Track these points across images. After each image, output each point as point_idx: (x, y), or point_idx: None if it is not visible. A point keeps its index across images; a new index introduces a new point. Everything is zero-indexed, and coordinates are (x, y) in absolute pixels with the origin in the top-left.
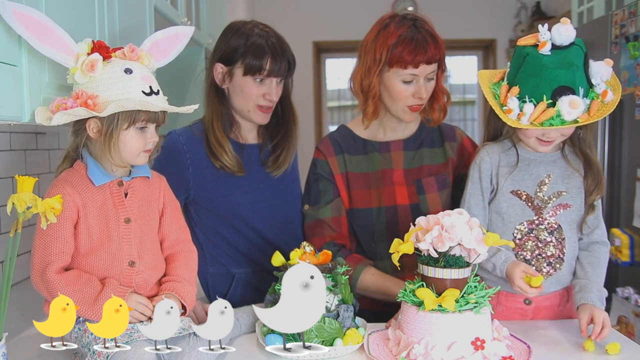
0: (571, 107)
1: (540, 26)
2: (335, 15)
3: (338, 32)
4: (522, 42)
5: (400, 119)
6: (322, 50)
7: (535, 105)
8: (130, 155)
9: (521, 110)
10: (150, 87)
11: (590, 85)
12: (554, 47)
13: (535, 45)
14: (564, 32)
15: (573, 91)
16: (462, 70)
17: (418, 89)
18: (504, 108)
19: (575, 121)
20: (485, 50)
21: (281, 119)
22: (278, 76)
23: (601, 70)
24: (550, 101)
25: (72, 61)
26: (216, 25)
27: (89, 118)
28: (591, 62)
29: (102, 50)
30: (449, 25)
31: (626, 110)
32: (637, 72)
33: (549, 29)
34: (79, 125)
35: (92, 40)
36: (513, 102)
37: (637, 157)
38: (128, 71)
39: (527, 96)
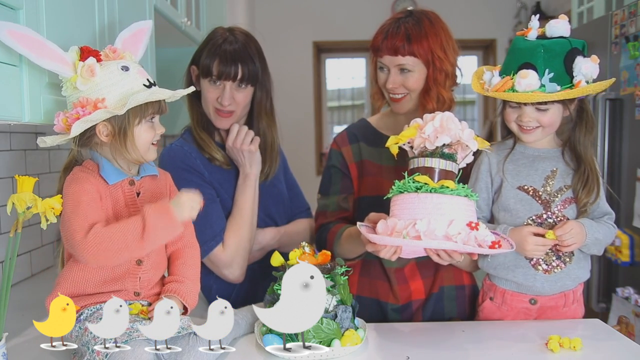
0: (520, 77)
1: (533, 16)
2: (335, 15)
3: (338, 32)
4: (518, 33)
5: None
6: (322, 50)
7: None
8: (143, 150)
9: (490, 83)
10: (148, 79)
11: (571, 77)
12: (544, 37)
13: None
14: (553, 24)
15: (536, 69)
16: (462, 70)
17: (386, 79)
18: (481, 82)
19: (528, 94)
20: (485, 50)
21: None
22: (229, 80)
23: (580, 63)
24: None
25: (70, 70)
26: (216, 25)
27: (95, 125)
28: (579, 58)
29: (93, 54)
30: (448, 26)
31: (626, 110)
32: (637, 72)
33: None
34: (87, 134)
35: (79, 47)
36: (486, 75)
37: (637, 157)
38: (125, 68)
39: (498, 72)
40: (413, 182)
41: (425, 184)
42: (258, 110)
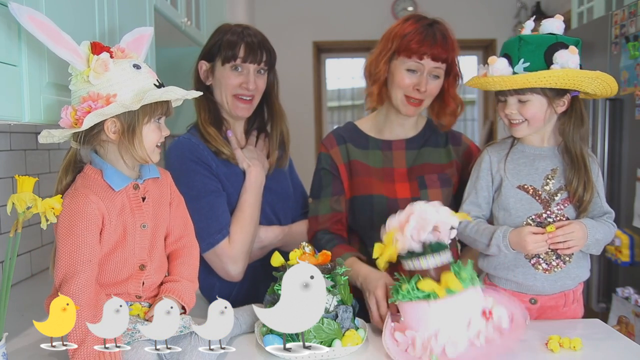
0: (489, 63)
1: (530, 19)
2: (335, 15)
3: (338, 32)
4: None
5: (399, 111)
6: (322, 50)
7: None
8: (149, 150)
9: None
10: (157, 80)
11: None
12: None
13: None
14: (545, 22)
15: (510, 58)
16: (462, 70)
17: (419, 81)
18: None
19: (497, 79)
20: (485, 50)
21: (265, 120)
22: (254, 63)
23: (558, 54)
24: None
25: (82, 63)
26: (216, 25)
27: (103, 121)
28: (561, 50)
29: (105, 49)
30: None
31: (626, 110)
32: (637, 72)
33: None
34: (95, 130)
35: (90, 42)
36: (480, 70)
37: (637, 157)
38: (136, 67)
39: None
40: (418, 291)
41: (432, 291)
42: (272, 97)
